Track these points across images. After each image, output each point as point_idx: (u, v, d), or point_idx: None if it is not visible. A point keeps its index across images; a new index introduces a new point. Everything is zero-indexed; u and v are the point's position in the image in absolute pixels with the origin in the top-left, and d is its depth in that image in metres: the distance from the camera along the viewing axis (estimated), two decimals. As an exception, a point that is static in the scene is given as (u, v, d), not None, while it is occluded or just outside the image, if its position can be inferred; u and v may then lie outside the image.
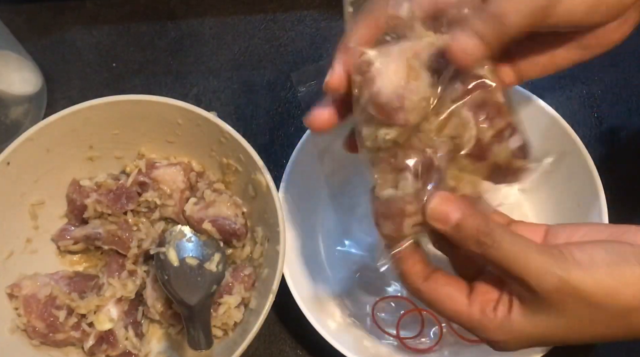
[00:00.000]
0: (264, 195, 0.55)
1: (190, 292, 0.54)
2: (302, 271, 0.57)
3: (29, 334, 0.55)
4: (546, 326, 0.37)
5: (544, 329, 0.37)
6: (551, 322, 0.37)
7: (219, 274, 0.56)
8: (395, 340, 0.58)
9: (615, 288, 0.36)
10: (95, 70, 0.71)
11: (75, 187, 0.59)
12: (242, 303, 0.56)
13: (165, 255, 0.56)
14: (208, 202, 0.58)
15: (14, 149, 0.55)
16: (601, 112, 0.67)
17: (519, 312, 0.38)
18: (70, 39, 0.73)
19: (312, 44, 0.71)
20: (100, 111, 0.57)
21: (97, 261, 0.61)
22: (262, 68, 0.71)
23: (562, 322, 0.37)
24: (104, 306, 0.56)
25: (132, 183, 0.59)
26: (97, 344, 0.56)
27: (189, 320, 0.53)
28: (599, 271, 0.36)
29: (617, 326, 0.37)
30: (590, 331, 0.38)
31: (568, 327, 0.37)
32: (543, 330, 0.38)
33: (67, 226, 0.60)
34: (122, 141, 0.60)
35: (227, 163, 0.58)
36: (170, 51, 0.72)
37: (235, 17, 0.73)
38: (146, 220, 0.60)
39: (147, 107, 0.57)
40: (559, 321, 0.37)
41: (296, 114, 0.68)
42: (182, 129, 0.58)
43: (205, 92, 0.70)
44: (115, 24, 0.73)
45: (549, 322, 0.37)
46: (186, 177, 0.59)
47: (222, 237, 0.58)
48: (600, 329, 0.37)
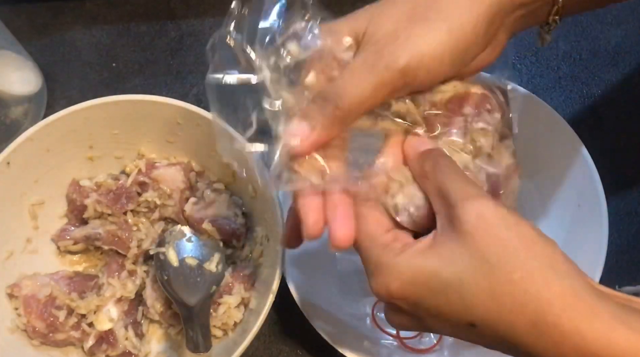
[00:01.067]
0: (264, 195, 0.55)
1: (189, 292, 0.54)
2: (302, 271, 0.57)
3: (29, 334, 0.55)
4: (448, 257, 0.34)
5: (441, 261, 0.34)
6: (455, 254, 0.33)
7: (218, 275, 0.56)
8: (395, 340, 0.58)
9: (532, 239, 0.33)
10: (95, 70, 0.71)
11: (75, 187, 0.59)
12: (242, 303, 0.56)
13: (164, 255, 0.56)
14: (208, 202, 0.58)
15: (14, 149, 0.55)
16: (601, 112, 0.67)
17: (425, 244, 0.35)
18: (70, 39, 0.72)
19: (312, 44, 0.71)
20: (100, 111, 0.57)
21: (97, 261, 0.61)
22: (262, 68, 0.71)
23: (466, 256, 0.33)
24: (103, 306, 0.56)
25: (132, 183, 0.59)
26: (97, 344, 0.55)
27: (188, 321, 0.53)
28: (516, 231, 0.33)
29: (507, 290, 0.32)
30: (485, 283, 0.32)
31: (467, 267, 0.33)
32: (439, 262, 0.34)
33: (67, 226, 0.60)
34: (122, 141, 0.60)
35: (227, 163, 0.58)
36: (170, 51, 0.72)
37: (235, 17, 0.73)
38: (146, 220, 0.60)
39: (147, 107, 0.57)
40: (464, 253, 0.33)
41: (296, 114, 0.68)
42: (182, 129, 0.58)
43: (205, 92, 0.70)
44: (115, 24, 0.73)
45: (452, 253, 0.33)
46: (186, 177, 0.59)
47: (221, 237, 0.58)
48: (491, 284, 0.32)
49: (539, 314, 0.32)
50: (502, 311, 0.33)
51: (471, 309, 0.33)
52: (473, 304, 0.33)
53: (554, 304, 0.31)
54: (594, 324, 0.31)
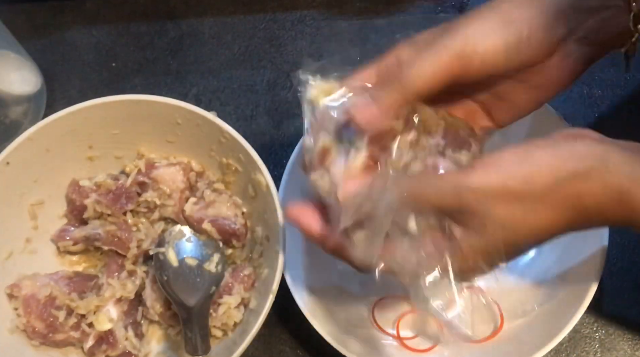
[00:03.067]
0: (264, 195, 0.55)
1: (189, 293, 0.54)
2: (302, 271, 0.57)
3: (28, 335, 0.55)
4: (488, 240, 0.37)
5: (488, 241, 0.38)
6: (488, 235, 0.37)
7: (218, 275, 0.56)
8: (395, 340, 0.58)
9: (528, 173, 0.37)
10: (95, 70, 0.71)
11: (74, 188, 0.59)
12: (242, 303, 0.56)
13: (164, 255, 0.56)
14: (208, 202, 0.58)
15: (14, 149, 0.55)
16: (601, 112, 0.67)
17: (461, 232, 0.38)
18: (69, 39, 0.72)
19: (312, 44, 0.71)
20: (100, 111, 0.57)
21: (96, 261, 0.61)
22: (262, 68, 0.71)
23: (497, 230, 0.37)
24: (103, 306, 0.56)
25: (131, 183, 0.59)
26: (96, 345, 0.55)
27: (187, 323, 0.53)
28: (505, 166, 0.37)
29: (557, 205, 0.37)
30: (532, 224, 0.37)
31: (506, 232, 0.37)
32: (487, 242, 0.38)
33: (66, 227, 0.60)
34: (121, 141, 0.60)
35: (227, 163, 0.58)
36: (170, 51, 0.72)
37: (235, 17, 0.73)
38: (146, 220, 0.60)
39: (147, 107, 0.57)
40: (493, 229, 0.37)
41: (296, 114, 0.68)
42: (182, 129, 0.58)
43: (205, 92, 0.70)
44: (115, 23, 0.73)
45: (487, 236, 0.37)
46: (186, 177, 0.59)
47: (221, 237, 0.58)
48: (542, 216, 0.37)
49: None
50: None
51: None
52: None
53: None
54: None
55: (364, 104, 0.40)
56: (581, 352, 0.58)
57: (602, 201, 0.37)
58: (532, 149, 0.38)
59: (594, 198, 0.37)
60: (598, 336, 0.58)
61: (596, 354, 0.58)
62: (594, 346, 0.58)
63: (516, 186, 0.36)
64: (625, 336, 0.58)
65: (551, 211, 0.37)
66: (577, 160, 0.37)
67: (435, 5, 0.71)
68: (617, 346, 0.58)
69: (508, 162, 0.37)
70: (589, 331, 0.59)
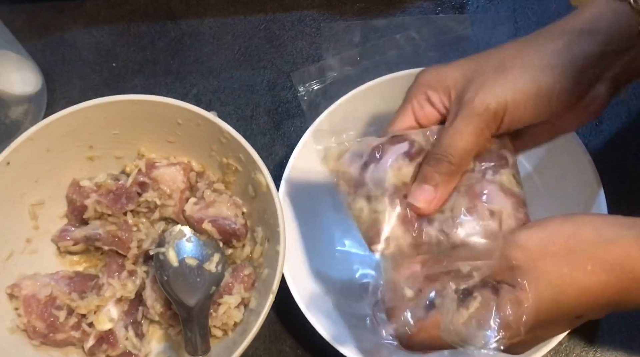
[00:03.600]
0: (264, 195, 0.55)
1: (189, 293, 0.54)
2: (302, 271, 0.57)
3: (29, 334, 0.55)
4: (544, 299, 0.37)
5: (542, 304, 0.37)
6: (542, 292, 0.37)
7: (218, 275, 0.56)
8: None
9: (572, 230, 0.37)
10: (95, 70, 0.71)
11: (75, 188, 0.59)
12: (242, 303, 0.56)
13: (164, 255, 0.56)
14: (208, 202, 0.58)
15: (14, 149, 0.55)
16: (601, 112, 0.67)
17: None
18: (70, 39, 0.73)
19: (312, 44, 0.71)
20: (100, 111, 0.57)
21: (97, 261, 0.61)
22: (262, 68, 0.71)
23: (546, 287, 0.37)
24: (104, 306, 0.56)
25: (132, 183, 0.59)
26: (97, 344, 0.55)
27: (187, 323, 0.53)
28: (549, 225, 0.38)
29: (604, 264, 0.37)
30: (581, 283, 0.37)
31: (555, 290, 0.37)
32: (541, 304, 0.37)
33: (67, 227, 0.60)
34: (122, 141, 0.60)
35: (227, 163, 0.58)
36: (170, 51, 0.72)
37: (235, 17, 0.73)
38: (146, 220, 0.60)
39: (147, 107, 0.57)
40: (543, 287, 0.37)
41: (296, 114, 0.68)
42: (182, 129, 0.58)
43: (205, 92, 0.70)
44: (115, 23, 0.73)
45: (541, 294, 0.37)
46: (186, 177, 0.59)
47: (222, 237, 0.58)
48: (590, 274, 0.37)
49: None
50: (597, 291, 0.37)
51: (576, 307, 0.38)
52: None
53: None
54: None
55: (422, 192, 0.42)
56: (580, 352, 0.58)
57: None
58: (575, 214, 0.39)
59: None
60: (598, 336, 0.58)
61: (596, 354, 0.58)
62: (593, 346, 0.58)
63: (562, 241, 0.37)
64: (625, 336, 0.58)
65: (599, 273, 0.37)
66: (621, 226, 0.37)
67: (435, 5, 0.71)
68: (617, 345, 0.58)
69: (552, 222, 0.38)
70: (589, 331, 0.59)
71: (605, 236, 0.37)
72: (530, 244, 0.37)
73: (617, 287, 0.37)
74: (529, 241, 0.37)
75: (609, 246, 0.37)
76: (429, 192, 0.41)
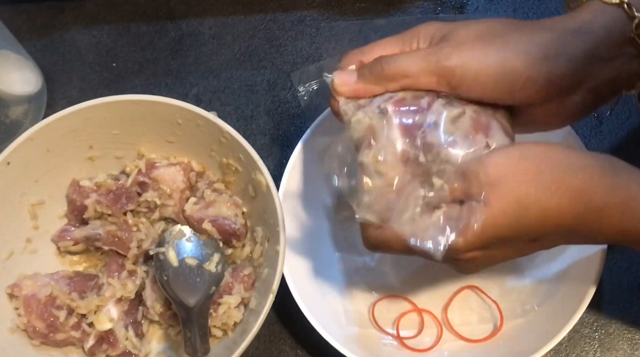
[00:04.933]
0: (264, 195, 0.55)
1: (188, 293, 0.54)
2: (302, 271, 0.57)
3: (29, 334, 0.55)
4: (500, 211, 0.38)
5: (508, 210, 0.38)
6: (501, 199, 0.38)
7: (218, 275, 0.56)
8: (395, 340, 0.58)
9: (544, 158, 0.39)
10: (95, 70, 0.71)
11: (75, 188, 0.59)
12: (242, 303, 0.56)
13: (164, 255, 0.56)
14: (208, 202, 0.58)
15: (14, 149, 0.55)
16: (601, 112, 0.67)
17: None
18: (70, 39, 0.72)
19: (312, 44, 0.71)
20: (100, 111, 0.57)
21: (97, 261, 0.61)
22: (262, 68, 0.71)
23: (511, 203, 0.38)
24: (104, 306, 0.56)
25: (132, 183, 0.59)
26: (97, 344, 0.56)
27: (187, 323, 0.53)
28: (525, 149, 0.40)
29: (567, 193, 0.38)
30: (543, 205, 0.38)
31: (519, 208, 0.38)
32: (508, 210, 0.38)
33: (67, 227, 0.60)
34: (122, 141, 0.60)
35: (227, 163, 0.58)
36: (170, 51, 0.72)
37: (235, 17, 0.73)
38: (146, 220, 0.60)
39: (147, 107, 0.57)
40: (505, 195, 0.38)
41: (296, 114, 0.68)
42: (182, 129, 0.58)
43: (205, 92, 0.70)
44: (115, 23, 0.73)
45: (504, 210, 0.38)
46: (186, 177, 0.59)
47: (221, 237, 0.58)
48: (553, 200, 0.38)
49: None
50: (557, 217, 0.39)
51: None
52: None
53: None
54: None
55: (347, 75, 0.44)
56: (580, 352, 0.58)
57: (609, 202, 0.38)
58: (552, 145, 0.40)
59: (603, 197, 0.38)
60: (597, 336, 0.59)
61: (596, 353, 0.58)
62: (593, 346, 0.58)
63: (533, 162, 0.38)
64: (624, 335, 0.58)
65: (561, 197, 0.38)
66: (590, 157, 0.39)
67: (435, 5, 0.71)
68: (617, 345, 0.58)
69: (526, 145, 0.39)
70: (589, 331, 0.59)
71: (573, 162, 0.39)
72: (502, 162, 0.39)
73: (574, 213, 0.38)
74: (501, 160, 0.39)
75: (575, 173, 0.38)
76: (350, 77, 0.44)
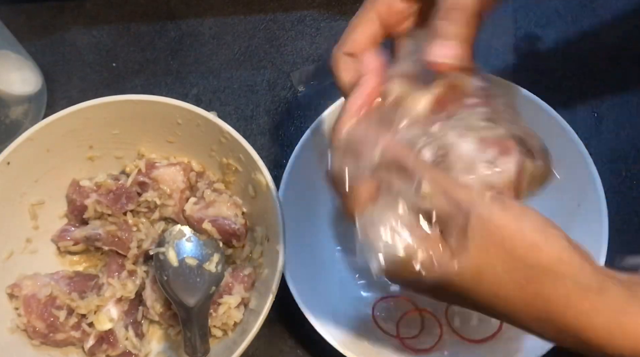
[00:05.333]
0: (264, 195, 0.55)
1: (188, 293, 0.54)
2: (302, 271, 0.57)
3: (29, 334, 0.55)
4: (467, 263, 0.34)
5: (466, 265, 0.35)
6: (471, 260, 0.34)
7: (217, 275, 0.56)
8: (395, 340, 0.58)
9: (539, 242, 0.34)
10: (95, 70, 0.71)
11: (75, 188, 0.59)
12: (242, 303, 0.56)
13: (164, 255, 0.56)
14: (208, 202, 0.58)
15: (14, 149, 0.55)
16: (601, 112, 0.67)
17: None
18: (70, 39, 0.72)
19: (312, 44, 0.71)
20: (100, 111, 0.57)
21: (97, 261, 0.61)
22: (262, 68, 0.71)
23: (479, 260, 0.34)
24: (103, 306, 0.56)
25: (132, 183, 0.59)
26: (97, 344, 0.56)
27: (187, 323, 0.53)
28: (526, 221, 0.35)
29: (528, 289, 0.34)
30: (504, 285, 0.34)
31: (483, 269, 0.34)
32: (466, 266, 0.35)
33: (67, 227, 0.60)
34: (122, 141, 0.60)
35: (227, 163, 0.58)
36: (170, 51, 0.72)
37: (235, 17, 0.73)
38: (146, 220, 0.60)
39: (147, 107, 0.57)
40: (476, 258, 0.34)
41: (296, 114, 0.68)
42: (182, 129, 0.58)
43: (205, 92, 0.70)
44: (115, 23, 0.73)
45: (468, 260, 0.34)
46: (186, 177, 0.59)
47: (221, 237, 0.58)
48: (513, 286, 0.34)
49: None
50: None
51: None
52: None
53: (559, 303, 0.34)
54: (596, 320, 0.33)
55: (442, 46, 0.37)
56: (581, 352, 0.58)
57: (570, 302, 0.34)
58: (551, 226, 0.36)
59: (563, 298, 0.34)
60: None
61: (596, 353, 0.58)
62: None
63: (523, 246, 0.34)
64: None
65: (522, 293, 0.34)
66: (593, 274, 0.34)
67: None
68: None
69: (529, 221, 0.35)
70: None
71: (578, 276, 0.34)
72: (493, 226, 0.34)
73: (526, 306, 0.35)
74: (494, 220, 0.34)
75: (555, 284, 0.34)
76: (450, 46, 0.37)
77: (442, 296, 0.38)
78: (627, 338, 0.33)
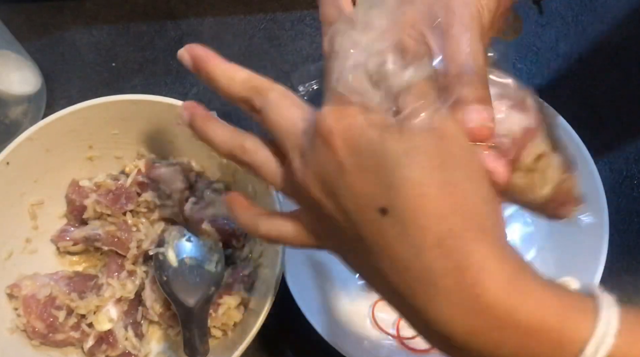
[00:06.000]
0: (264, 195, 0.55)
1: (188, 293, 0.54)
2: (302, 270, 0.57)
3: (28, 335, 0.55)
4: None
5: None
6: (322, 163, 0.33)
7: (217, 275, 0.56)
8: (395, 340, 0.58)
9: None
10: (94, 70, 0.71)
11: (74, 188, 0.59)
12: (242, 303, 0.56)
13: (164, 255, 0.56)
14: (208, 202, 0.58)
15: (14, 149, 0.55)
16: (601, 112, 0.67)
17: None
18: (69, 39, 0.72)
19: (312, 44, 0.71)
20: (100, 111, 0.57)
21: (96, 261, 0.61)
22: (262, 68, 0.70)
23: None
24: (103, 306, 0.56)
25: (131, 183, 0.59)
26: (96, 345, 0.55)
27: (186, 323, 0.53)
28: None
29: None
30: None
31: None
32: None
33: (66, 227, 0.60)
34: (121, 141, 0.60)
35: (227, 163, 0.58)
36: (170, 51, 0.72)
37: (235, 17, 0.73)
38: (146, 220, 0.60)
39: (147, 107, 0.57)
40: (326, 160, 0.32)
41: (296, 114, 0.68)
42: (182, 129, 0.58)
43: (205, 92, 0.70)
44: (115, 23, 0.73)
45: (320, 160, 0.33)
46: (186, 177, 0.59)
47: (221, 237, 0.58)
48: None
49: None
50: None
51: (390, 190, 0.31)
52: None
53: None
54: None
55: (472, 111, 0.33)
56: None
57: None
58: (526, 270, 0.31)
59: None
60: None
61: (596, 354, 0.58)
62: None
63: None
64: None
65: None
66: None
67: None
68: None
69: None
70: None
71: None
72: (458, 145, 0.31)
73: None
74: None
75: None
76: (479, 110, 0.32)
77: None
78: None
